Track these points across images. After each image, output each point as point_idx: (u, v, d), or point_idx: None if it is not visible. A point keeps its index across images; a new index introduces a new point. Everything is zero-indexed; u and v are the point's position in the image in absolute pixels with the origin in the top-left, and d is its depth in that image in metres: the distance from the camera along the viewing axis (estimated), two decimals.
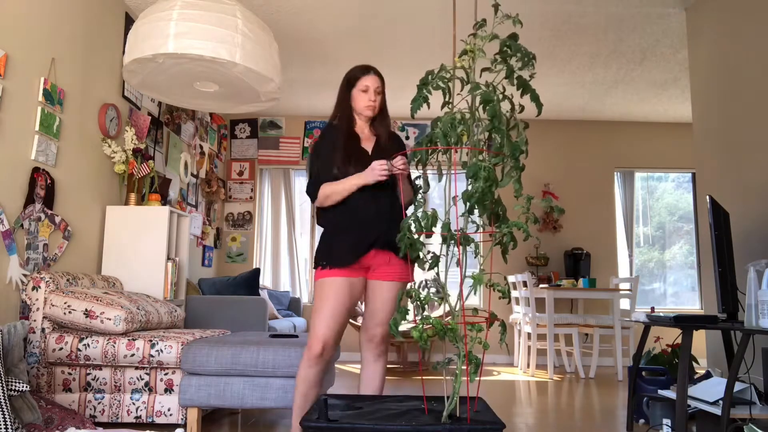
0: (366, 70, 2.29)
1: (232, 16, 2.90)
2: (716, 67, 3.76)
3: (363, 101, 2.28)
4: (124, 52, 4.10)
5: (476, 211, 1.62)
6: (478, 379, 1.60)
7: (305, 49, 4.89)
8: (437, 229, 1.63)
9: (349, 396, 1.88)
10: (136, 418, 2.85)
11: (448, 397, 1.62)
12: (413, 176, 2.19)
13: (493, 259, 6.47)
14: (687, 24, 4.14)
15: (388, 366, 5.77)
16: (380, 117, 2.33)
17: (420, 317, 1.63)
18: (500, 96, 1.64)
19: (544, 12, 4.22)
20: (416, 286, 1.70)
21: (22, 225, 3.04)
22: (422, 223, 1.61)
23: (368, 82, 2.27)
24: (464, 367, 1.57)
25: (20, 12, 3.01)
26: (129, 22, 4.17)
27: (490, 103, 1.60)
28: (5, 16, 2.90)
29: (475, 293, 1.71)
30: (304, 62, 5.16)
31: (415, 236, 1.64)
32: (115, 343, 2.84)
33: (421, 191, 1.91)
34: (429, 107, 1.80)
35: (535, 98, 1.68)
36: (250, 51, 2.92)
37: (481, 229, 1.64)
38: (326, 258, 2.19)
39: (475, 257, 1.69)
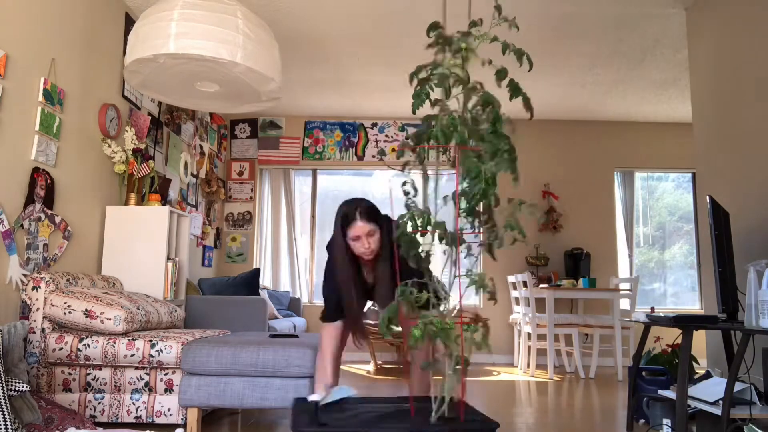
0: (352, 217, 2.17)
1: (233, 16, 2.90)
2: (716, 67, 3.77)
3: (358, 249, 2.22)
4: (124, 52, 4.10)
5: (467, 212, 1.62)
6: (465, 379, 1.59)
7: (306, 49, 4.89)
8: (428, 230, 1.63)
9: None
10: (136, 418, 2.85)
11: (436, 398, 1.62)
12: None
13: (489, 259, 6.46)
14: (687, 24, 4.14)
15: (385, 366, 5.76)
16: (382, 257, 2.25)
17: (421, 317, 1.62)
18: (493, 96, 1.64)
19: (544, 12, 4.22)
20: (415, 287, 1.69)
21: (22, 225, 3.04)
22: (417, 222, 1.60)
23: (357, 231, 2.16)
24: (457, 368, 1.57)
25: (20, 12, 3.01)
26: (129, 22, 4.17)
27: (489, 105, 1.60)
28: (5, 16, 2.90)
29: (476, 293, 1.71)
30: (304, 62, 5.16)
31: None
32: (115, 343, 2.84)
33: (409, 196, 1.88)
34: (432, 105, 1.78)
35: (527, 101, 1.68)
36: (251, 51, 2.92)
37: (476, 230, 1.64)
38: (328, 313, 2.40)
39: (465, 257, 1.69)
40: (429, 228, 1.61)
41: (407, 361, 2.57)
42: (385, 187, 6.68)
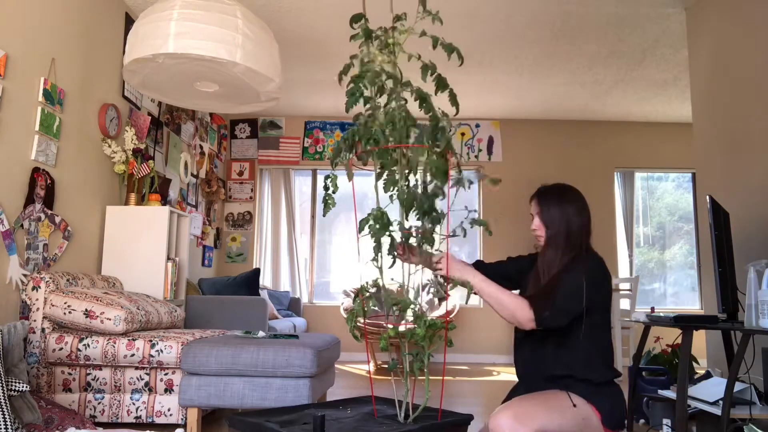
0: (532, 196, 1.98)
1: (232, 16, 2.90)
2: (716, 67, 3.76)
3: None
4: (124, 52, 4.10)
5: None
6: (428, 378, 1.58)
7: (305, 49, 4.89)
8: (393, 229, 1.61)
9: (294, 407, 1.79)
10: (136, 418, 2.85)
11: (399, 402, 1.61)
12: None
13: (488, 258, 6.46)
14: (687, 24, 4.14)
15: (385, 366, 5.76)
16: (550, 250, 1.94)
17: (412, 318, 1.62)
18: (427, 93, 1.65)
19: (544, 12, 4.21)
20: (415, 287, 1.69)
21: (22, 225, 3.04)
22: (377, 223, 1.57)
23: (531, 209, 1.99)
24: (425, 370, 1.56)
25: (20, 12, 3.01)
26: (129, 22, 4.17)
27: (425, 101, 1.61)
28: (5, 16, 2.90)
29: (467, 302, 1.71)
30: (304, 62, 5.16)
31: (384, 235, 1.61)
32: (115, 343, 2.84)
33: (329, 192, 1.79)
34: (365, 103, 1.75)
35: (452, 96, 1.68)
36: (251, 51, 2.92)
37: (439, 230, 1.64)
38: None
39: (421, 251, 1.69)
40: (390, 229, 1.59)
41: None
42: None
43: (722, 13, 3.69)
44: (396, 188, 1.60)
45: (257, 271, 5.35)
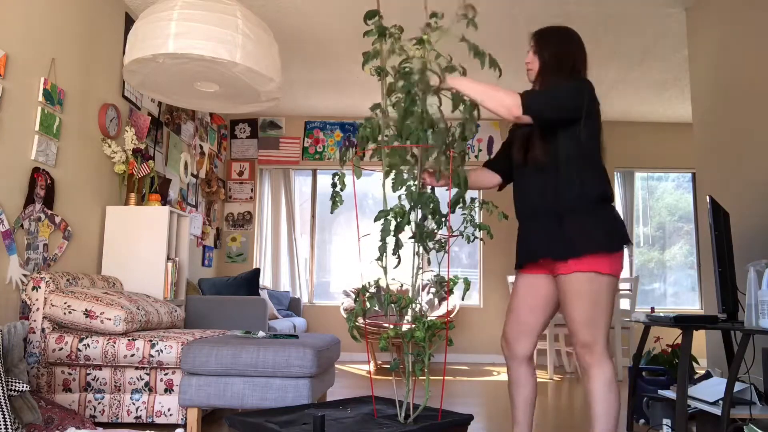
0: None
1: (232, 16, 2.90)
2: (716, 67, 3.76)
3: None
4: (124, 52, 4.11)
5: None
6: (428, 378, 1.58)
7: (305, 49, 4.89)
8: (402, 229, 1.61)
9: (294, 407, 1.79)
10: (136, 418, 2.85)
11: (401, 402, 1.61)
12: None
13: (489, 259, 6.46)
14: (687, 24, 4.14)
15: (385, 366, 5.76)
16: (542, 78, 1.99)
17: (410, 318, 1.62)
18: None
19: (544, 12, 4.21)
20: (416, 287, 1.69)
21: (22, 225, 3.04)
22: (396, 221, 1.57)
23: (528, 47, 2.03)
24: (425, 370, 1.56)
25: (20, 12, 3.01)
26: (129, 22, 4.17)
27: (461, 103, 1.61)
28: (5, 16, 2.90)
29: (463, 299, 1.71)
30: (304, 62, 5.16)
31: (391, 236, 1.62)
32: (115, 343, 2.84)
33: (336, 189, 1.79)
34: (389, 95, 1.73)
35: (494, 61, 1.68)
36: (251, 51, 2.92)
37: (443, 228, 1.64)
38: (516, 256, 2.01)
39: (435, 252, 1.69)
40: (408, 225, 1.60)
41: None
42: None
43: (722, 13, 3.69)
44: (407, 187, 1.61)
45: (257, 271, 5.35)
